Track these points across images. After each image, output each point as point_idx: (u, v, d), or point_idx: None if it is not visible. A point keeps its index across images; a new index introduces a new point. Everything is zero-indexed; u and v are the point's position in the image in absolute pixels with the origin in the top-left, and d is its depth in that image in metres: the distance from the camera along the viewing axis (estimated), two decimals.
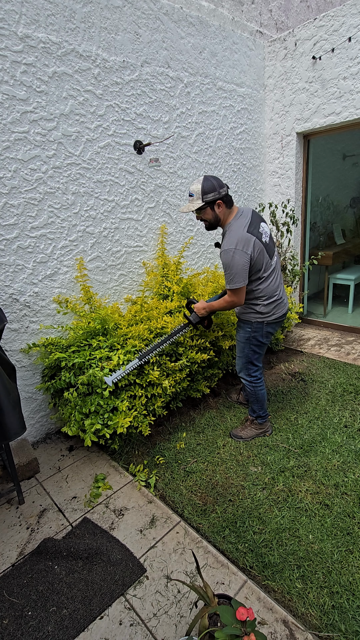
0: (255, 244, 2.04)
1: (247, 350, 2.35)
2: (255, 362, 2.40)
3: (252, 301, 2.23)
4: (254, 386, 2.43)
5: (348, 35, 3.19)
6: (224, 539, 1.84)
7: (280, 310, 2.28)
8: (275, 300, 2.23)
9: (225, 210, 2.10)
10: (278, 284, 2.25)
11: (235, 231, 2.05)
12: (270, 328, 2.29)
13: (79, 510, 2.07)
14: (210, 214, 2.09)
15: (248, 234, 2.03)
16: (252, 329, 2.28)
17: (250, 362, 2.38)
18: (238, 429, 2.59)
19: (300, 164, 4.01)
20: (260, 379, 2.45)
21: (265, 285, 2.18)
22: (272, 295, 2.21)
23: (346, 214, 5.51)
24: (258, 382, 2.44)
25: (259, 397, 2.46)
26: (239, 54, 3.55)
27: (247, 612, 1.08)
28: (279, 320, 2.30)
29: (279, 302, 2.26)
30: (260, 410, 2.49)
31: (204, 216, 2.12)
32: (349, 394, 2.96)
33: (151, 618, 1.50)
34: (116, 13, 2.57)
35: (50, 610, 1.55)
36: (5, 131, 2.19)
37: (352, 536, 1.78)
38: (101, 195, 2.73)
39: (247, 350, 2.35)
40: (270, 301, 2.21)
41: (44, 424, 2.74)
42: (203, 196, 2.02)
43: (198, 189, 2.03)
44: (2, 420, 1.79)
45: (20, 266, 2.40)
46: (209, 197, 2.02)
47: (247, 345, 2.33)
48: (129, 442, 2.57)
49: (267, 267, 2.15)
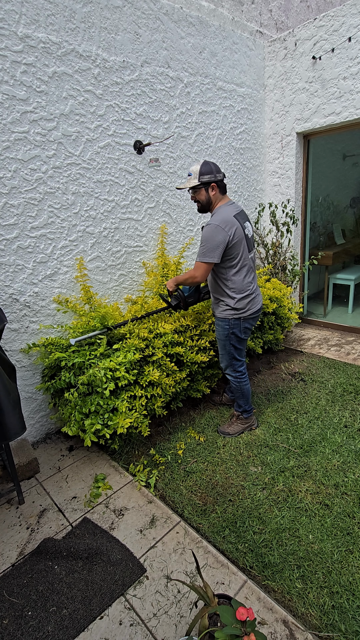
0: (237, 229, 2.14)
1: (228, 347, 2.42)
2: (238, 357, 2.47)
3: (225, 295, 2.29)
4: (239, 381, 2.50)
5: (348, 35, 3.19)
6: (224, 539, 1.84)
7: (255, 306, 2.35)
8: (248, 295, 2.29)
9: (218, 195, 2.22)
10: (251, 280, 2.32)
11: (223, 212, 2.17)
12: (247, 324, 2.37)
13: (79, 510, 2.07)
14: (204, 195, 2.21)
15: (234, 218, 2.15)
16: (230, 326, 2.34)
17: (233, 357, 2.45)
18: (225, 425, 2.64)
19: (300, 164, 4.01)
20: (245, 373, 2.52)
21: (238, 277, 2.24)
22: (245, 289, 2.27)
23: (346, 214, 5.51)
24: (243, 377, 2.51)
25: (245, 392, 2.53)
26: (239, 54, 3.55)
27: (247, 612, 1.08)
28: (254, 315, 2.38)
29: (252, 298, 2.33)
30: (245, 404, 2.56)
31: (198, 196, 2.23)
32: (349, 394, 2.96)
33: (151, 618, 1.50)
34: (116, 13, 2.56)
35: (50, 610, 1.55)
36: (5, 131, 2.19)
37: (352, 536, 1.78)
38: (101, 195, 2.73)
39: (228, 347, 2.42)
40: (243, 296, 2.27)
41: (44, 424, 2.74)
42: (200, 176, 2.15)
43: (196, 170, 2.16)
44: (2, 420, 1.79)
45: (20, 266, 2.40)
46: (205, 178, 2.15)
47: (227, 342, 2.40)
48: (129, 442, 2.57)
49: (243, 259, 2.22)
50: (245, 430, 2.60)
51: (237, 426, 2.60)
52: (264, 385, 3.22)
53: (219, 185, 2.21)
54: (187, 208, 3.42)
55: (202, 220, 3.60)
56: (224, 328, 2.37)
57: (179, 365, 2.60)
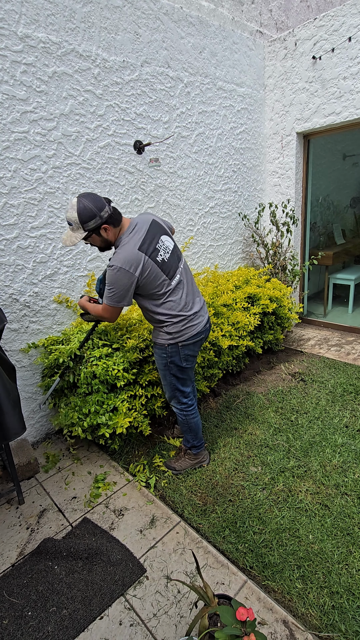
0: (145, 264, 1.79)
1: (168, 377, 2.10)
2: (182, 388, 2.14)
3: (158, 323, 1.99)
4: (185, 414, 2.20)
5: (348, 35, 3.19)
6: (224, 539, 1.84)
7: (193, 329, 1.99)
8: (182, 318, 1.95)
9: (114, 230, 1.82)
10: (184, 301, 1.96)
11: (125, 248, 1.79)
12: (188, 350, 2.02)
13: (79, 511, 2.07)
14: (98, 240, 1.82)
15: (139, 252, 1.78)
16: (167, 354, 2.01)
17: (175, 388, 2.13)
18: (172, 460, 2.36)
19: (300, 164, 4.01)
20: (192, 405, 2.21)
21: (166, 308, 1.93)
22: (177, 314, 1.94)
23: (346, 214, 5.51)
24: (189, 410, 2.20)
25: (192, 426, 2.23)
26: (239, 54, 3.55)
27: (247, 612, 1.08)
28: (195, 340, 2.02)
29: (189, 320, 1.98)
30: (194, 439, 2.27)
31: (93, 243, 1.84)
32: (349, 394, 2.96)
33: (151, 618, 1.50)
34: (116, 13, 2.56)
35: (50, 610, 1.55)
36: (5, 131, 2.19)
37: (352, 536, 1.78)
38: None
39: (168, 377, 2.10)
40: (176, 321, 1.95)
41: (44, 424, 2.74)
42: (83, 225, 1.73)
43: (74, 217, 1.71)
44: (2, 420, 1.79)
45: (20, 266, 2.40)
46: (90, 225, 1.73)
47: (167, 372, 2.07)
48: (129, 442, 2.57)
49: (165, 287, 1.89)
50: (195, 466, 2.31)
51: (185, 462, 2.31)
52: (264, 385, 3.22)
53: (110, 221, 1.77)
54: (187, 208, 3.42)
55: (202, 221, 3.60)
56: (161, 356, 2.04)
57: None
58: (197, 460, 2.32)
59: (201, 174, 3.47)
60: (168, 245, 1.92)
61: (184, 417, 2.21)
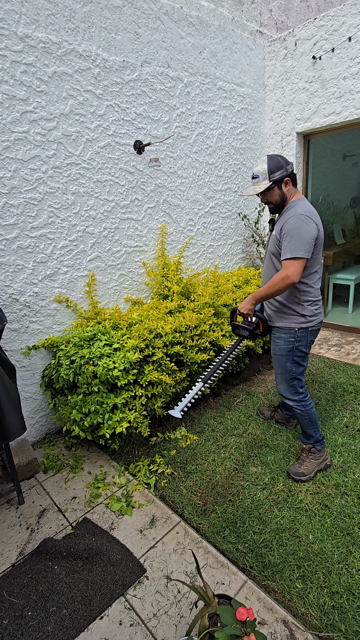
0: (320, 225, 1.89)
1: (289, 365, 2.05)
2: (299, 377, 2.09)
3: (296, 301, 1.97)
4: (304, 405, 2.11)
5: (348, 35, 3.19)
6: (224, 539, 1.84)
7: (322, 314, 2.05)
8: (318, 301, 2.01)
9: (292, 188, 1.94)
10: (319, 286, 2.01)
11: (307, 205, 1.89)
12: (313, 336, 2.04)
13: (79, 511, 2.07)
14: (278, 193, 1.92)
15: (317, 214, 1.89)
16: (296, 338, 1.99)
17: (294, 377, 2.08)
18: (295, 465, 2.17)
19: (300, 164, 4.01)
20: (308, 395, 2.15)
21: (313, 281, 1.95)
22: (317, 295, 1.99)
23: (346, 214, 5.50)
24: (307, 400, 2.13)
25: (312, 417, 2.13)
26: (239, 54, 3.55)
27: (247, 612, 1.08)
28: (319, 327, 2.06)
29: (321, 305, 2.03)
30: (316, 432, 2.15)
31: (270, 198, 1.93)
32: (349, 394, 2.95)
33: (151, 618, 1.50)
34: (116, 13, 2.56)
35: (50, 610, 1.55)
36: (5, 131, 2.19)
37: (352, 536, 1.78)
38: (101, 195, 2.73)
39: (289, 365, 2.05)
40: (314, 300, 1.98)
41: (44, 424, 2.74)
42: (270, 175, 1.86)
43: (264, 169, 1.87)
44: (2, 420, 1.79)
45: (20, 266, 2.40)
46: (276, 176, 1.87)
47: (290, 358, 2.03)
48: (129, 442, 2.57)
49: (319, 260, 1.95)
50: (321, 467, 2.15)
51: (311, 463, 2.15)
52: (264, 385, 3.22)
53: (293, 178, 1.92)
54: (187, 208, 3.42)
55: (202, 221, 3.60)
56: (288, 341, 2.01)
57: (178, 365, 2.60)
58: (322, 459, 2.17)
59: (201, 174, 3.47)
60: None
61: (304, 407, 2.11)
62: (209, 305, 2.84)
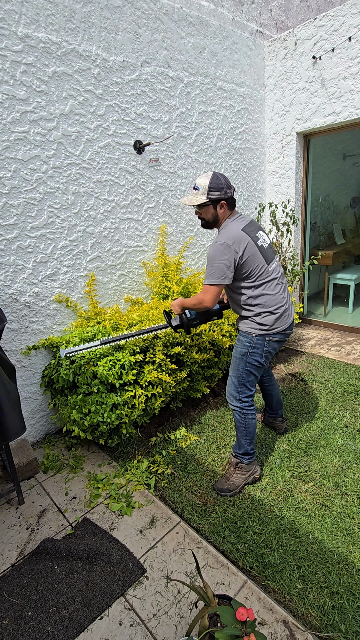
0: (248, 244, 1.87)
1: (241, 368, 2.05)
2: (250, 386, 2.09)
3: (248, 312, 2.00)
4: (245, 413, 2.10)
5: (348, 35, 3.19)
6: (224, 539, 1.84)
7: (284, 323, 2.01)
8: (274, 310, 1.97)
9: (226, 211, 1.95)
10: (276, 293, 1.97)
11: (230, 228, 1.90)
12: (271, 347, 2.03)
13: (78, 511, 2.07)
14: (211, 212, 1.94)
15: (242, 232, 1.88)
16: (251, 344, 2.00)
17: (243, 384, 2.08)
18: (221, 481, 2.15)
19: (300, 164, 4.01)
20: (253, 406, 2.13)
21: (259, 292, 1.94)
22: (270, 304, 1.95)
23: (346, 214, 5.51)
24: (250, 410, 2.11)
25: (249, 428, 2.11)
26: (239, 54, 3.55)
27: (247, 613, 1.08)
28: (282, 338, 2.04)
29: (280, 313, 1.98)
30: (248, 444, 2.13)
31: (204, 214, 1.96)
32: (349, 394, 2.95)
33: (151, 618, 1.50)
34: (116, 13, 2.56)
35: (50, 610, 1.55)
36: (5, 131, 2.19)
37: (352, 536, 1.78)
38: (101, 195, 2.73)
39: (241, 368, 2.05)
40: (269, 311, 1.96)
41: (44, 424, 2.74)
42: (209, 192, 1.87)
43: (205, 184, 1.87)
44: (2, 420, 1.79)
45: (20, 266, 2.40)
46: (214, 195, 1.88)
47: (242, 363, 2.04)
48: (128, 442, 2.57)
49: (263, 272, 1.92)
50: (249, 481, 2.13)
51: (238, 478, 2.12)
52: None
53: (229, 202, 1.92)
54: (187, 208, 3.42)
55: None
56: (244, 345, 2.02)
57: (178, 365, 2.60)
58: (249, 473, 2.14)
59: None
60: (265, 239, 2.01)
61: (243, 416, 2.10)
62: None
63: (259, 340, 2.00)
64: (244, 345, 2.03)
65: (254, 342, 2.00)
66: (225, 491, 2.09)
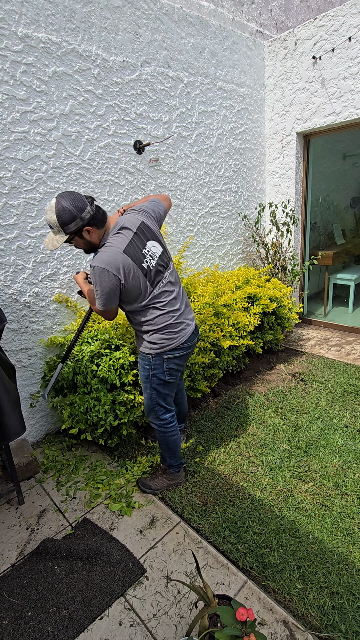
0: (130, 268, 1.67)
1: (149, 390, 1.96)
2: (162, 403, 2.00)
3: (141, 331, 1.88)
4: (164, 431, 2.05)
5: (348, 35, 3.19)
6: (224, 539, 1.84)
7: (178, 339, 1.87)
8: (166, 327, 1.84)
9: (98, 231, 1.71)
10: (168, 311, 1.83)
11: (110, 248, 1.67)
12: (173, 364, 1.91)
13: (78, 511, 2.07)
14: (82, 242, 1.72)
15: (124, 256, 1.67)
16: (150, 366, 1.90)
17: (156, 403, 1.99)
18: (148, 478, 2.22)
19: (300, 164, 4.01)
20: (172, 422, 2.06)
21: (149, 315, 1.81)
22: (160, 322, 1.82)
23: (346, 214, 5.51)
24: (169, 427, 2.05)
25: (170, 445, 2.09)
26: (239, 54, 3.55)
27: (247, 613, 1.08)
28: (181, 353, 1.91)
29: (175, 330, 1.86)
30: (171, 458, 2.12)
31: (78, 246, 1.75)
32: (349, 394, 2.95)
33: (151, 618, 1.50)
34: (116, 13, 2.56)
35: (50, 610, 1.55)
36: (5, 131, 2.19)
37: (352, 536, 1.78)
38: (101, 196, 2.73)
39: (149, 390, 1.96)
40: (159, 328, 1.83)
41: (44, 424, 2.74)
42: (64, 228, 1.62)
43: (54, 220, 1.61)
44: (2, 420, 1.79)
45: (20, 266, 2.40)
46: (71, 228, 1.62)
47: (148, 384, 1.95)
48: (128, 442, 2.57)
49: (148, 297, 1.77)
50: (172, 486, 2.17)
51: (162, 481, 2.17)
52: (264, 385, 3.22)
53: (93, 222, 1.66)
54: (187, 208, 3.42)
55: (202, 221, 3.60)
56: (144, 367, 1.93)
57: None
58: (175, 481, 2.17)
59: (201, 174, 3.47)
60: (155, 252, 1.79)
61: (162, 434, 2.07)
62: (209, 305, 2.84)
63: (157, 361, 1.88)
64: (144, 368, 1.94)
65: (152, 363, 1.89)
66: (147, 487, 2.17)
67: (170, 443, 2.09)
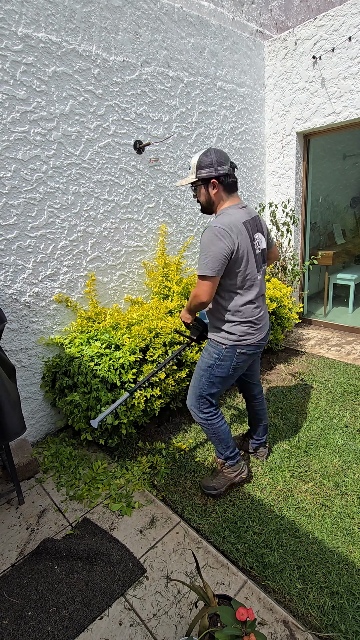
0: (244, 239, 1.68)
1: (204, 380, 1.89)
2: (211, 399, 1.94)
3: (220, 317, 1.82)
4: (211, 422, 1.96)
5: (348, 34, 3.19)
6: (224, 539, 1.84)
7: (256, 336, 1.84)
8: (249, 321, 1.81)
9: (221, 194, 1.74)
10: (257, 306, 1.82)
11: (231, 215, 1.69)
12: (241, 360, 1.85)
13: (78, 511, 2.07)
14: (203, 193, 1.75)
15: (242, 225, 1.69)
16: (219, 355, 1.83)
17: (205, 395, 1.92)
18: (209, 479, 2.11)
19: (300, 164, 4.01)
20: (217, 413, 1.99)
21: (240, 300, 1.77)
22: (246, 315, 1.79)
23: (346, 214, 5.50)
24: (215, 417, 1.97)
25: (221, 435, 1.99)
26: (239, 54, 3.55)
27: (247, 613, 1.08)
28: (253, 350, 1.87)
29: (256, 327, 1.84)
30: (226, 449, 2.03)
31: (198, 196, 1.79)
32: (349, 394, 2.95)
33: (151, 618, 1.50)
34: (116, 13, 2.56)
35: (50, 610, 1.55)
36: (5, 131, 2.19)
37: (352, 536, 1.78)
38: (101, 195, 2.73)
39: (204, 380, 1.89)
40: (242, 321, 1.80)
41: (44, 424, 2.74)
42: (197, 171, 1.70)
43: (195, 161, 1.71)
44: (2, 420, 1.79)
45: (20, 266, 2.40)
46: (202, 174, 1.69)
47: (207, 374, 1.88)
48: (128, 442, 2.57)
49: (248, 278, 1.75)
50: (236, 482, 2.08)
51: (224, 477, 2.07)
52: (263, 385, 3.22)
53: (222, 182, 1.70)
54: (187, 208, 3.42)
55: (202, 221, 3.60)
56: (211, 355, 1.85)
57: (178, 365, 2.60)
58: (236, 473, 2.06)
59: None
60: (262, 243, 1.83)
61: (210, 425, 1.96)
62: None
63: (229, 352, 1.82)
64: (211, 357, 1.86)
65: (223, 353, 1.82)
66: (211, 489, 2.05)
67: (220, 434, 1.99)
